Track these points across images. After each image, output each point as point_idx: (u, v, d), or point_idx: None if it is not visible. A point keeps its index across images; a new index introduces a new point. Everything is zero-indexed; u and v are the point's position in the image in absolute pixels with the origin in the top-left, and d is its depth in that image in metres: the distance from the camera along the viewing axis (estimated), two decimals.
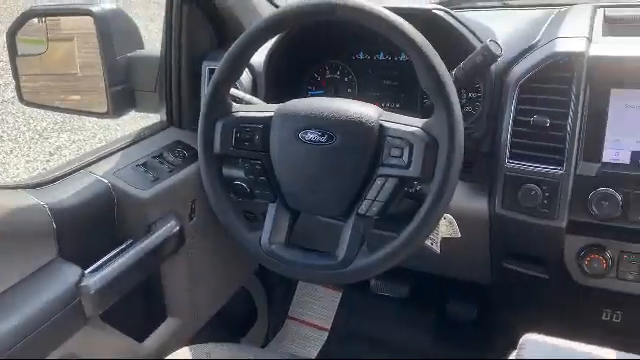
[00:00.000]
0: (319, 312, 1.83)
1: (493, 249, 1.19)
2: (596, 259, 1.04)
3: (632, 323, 1.13)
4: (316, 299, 1.85)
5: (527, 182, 1.03)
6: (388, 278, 1.76)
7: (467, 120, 1.20)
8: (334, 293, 1.84)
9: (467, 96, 1.22)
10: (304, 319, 1.82)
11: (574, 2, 1.35)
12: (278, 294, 1.82)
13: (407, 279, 1.74)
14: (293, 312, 1.84)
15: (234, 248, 1.01)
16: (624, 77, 0.97)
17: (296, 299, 1.86)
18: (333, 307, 1.82)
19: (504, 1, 1.57)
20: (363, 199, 0.92)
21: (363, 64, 1.34)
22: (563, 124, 1.00)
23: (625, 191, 0.97)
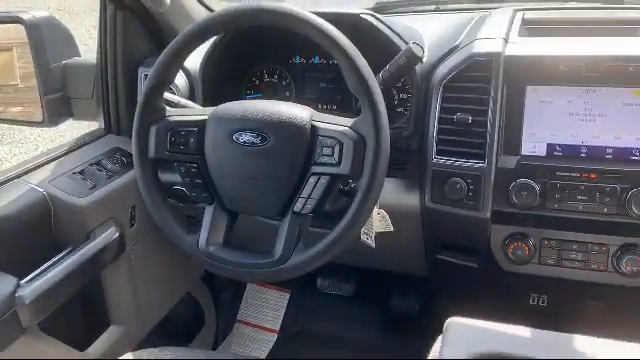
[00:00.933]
0: (268, 314, 1.84)
1: (427, 241, 1.24)
2: (519, 246, 1.10)
3: (557, 306, 1.20)
4: (264, 301, 1.86)
5: (453, 176, 1.09)
6: (334, 277, 1.80)
7: (400, 120, 1.26)
8: (282, 294, 1.86)
9: (399, 97, 1.27)
10: (253, 322, 1.83)
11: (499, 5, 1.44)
12: (226, 298, 1.83)
13: (352, 277, 1.79)
14: (242, 315, 1.85)
15: (178, 253, 1.02)
16: (538, 75, 1.04)
17: (244, 302, 1.87)
18: (281, 308, 1.84)
19: (436, 5, 1.65)
20: (298, 197, 0.95)
21: (299, 68, 1.38)
22: (484, 120, 1.06)
23: (542, 181, 1.04)
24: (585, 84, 1.02)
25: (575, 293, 1.16)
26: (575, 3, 1.48)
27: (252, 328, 1.82)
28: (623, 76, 0.99)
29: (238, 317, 1.84)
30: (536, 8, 1.38)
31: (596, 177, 1.01)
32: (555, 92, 1.04)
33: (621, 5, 1.38)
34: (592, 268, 1.08)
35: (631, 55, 1.00)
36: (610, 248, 1.06)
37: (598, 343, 0.75)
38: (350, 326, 1.75)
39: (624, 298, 1.12)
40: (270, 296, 1.86)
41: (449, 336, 0.79)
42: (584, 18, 1.26)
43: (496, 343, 0.76)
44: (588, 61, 1.01)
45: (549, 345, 0.76)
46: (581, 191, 1.02)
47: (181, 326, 1.68)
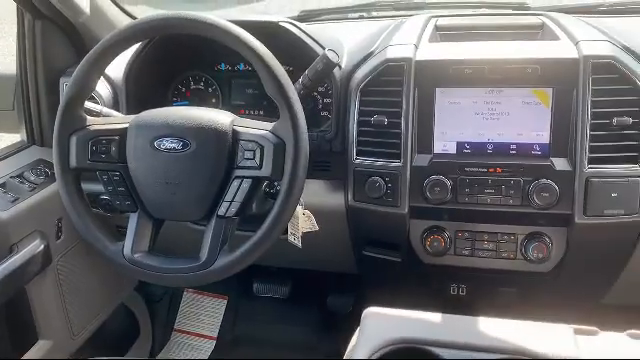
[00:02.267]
0: (205, 321, 1.85)
1: (353, 239, 1.29)
2: (436, 239, 1.17)
3: (475, 295, 1.27)
4: (202, 309, 1.87)
5: (372, 175, 1.14)
6: (269, 280, 1.82)
7: (325, 123, 1.30)
8: (219, 301, 1.86)
9: (323, 101, 1.32)
10: (191, 330, 1.83)
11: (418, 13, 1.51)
12: (161, 308, 1.82)
13: (287, 279, 1.82)
14: (179, 324, 1.84)
15: (109, 264, 1.02)
16: (445, 77, 1.11)
17: (181, 311, 1.86)
18: (219, 315, 1.84)
19: (360, 14, 1.71)
20: (222, 201, 0.98)
21: (225, 74, 1.40)
22: (398, 122, 1.12)
23: (453, 177, 1.11)
24: (489, 85, 1.10)
25: (490, 281, 1.23)
26: (486, 10, 1.58)
27: (190, 336, 1.82)
28: (522, 77, 1.08)
29: (175, 326, 1.83)
30: (450, 15, 1.47)
31: (501, 171, 1.09)
32: (462, 93, 1.11)
33: (527, 11, 1.48)
34: (503, 256, 1.16)
35: (528, 57, 1.08)
36: (518, 237, 1.15)
37: (498, 323, 0.82)
38: (288, 328, 1.78)
39: (534, 284, 1.20)
40: (207, 303, 1.87)
41: (366, 325, 0.84)
42: (492, 24, 1.35)
43: (409, 329, 0.81)
44: (490, 64, 1.09)
45: (456, 328, 0.82)
46: (488, 185, 1.10)
47: (116, 337, 1.66)
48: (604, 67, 1.04)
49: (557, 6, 1.53)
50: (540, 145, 1.09)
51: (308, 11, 1.69)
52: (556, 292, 1.22)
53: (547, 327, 0.81)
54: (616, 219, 1.06)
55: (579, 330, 0.80)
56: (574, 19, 1.30)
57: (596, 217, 1.06)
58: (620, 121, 1.03)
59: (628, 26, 1.27)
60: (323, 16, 1.68)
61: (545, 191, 1.06)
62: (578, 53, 1.06)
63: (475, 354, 0.76)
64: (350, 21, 1.66)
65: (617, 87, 1.04)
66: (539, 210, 1.08)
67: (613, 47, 1.09)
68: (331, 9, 1.70)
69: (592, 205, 1.05)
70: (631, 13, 1.46)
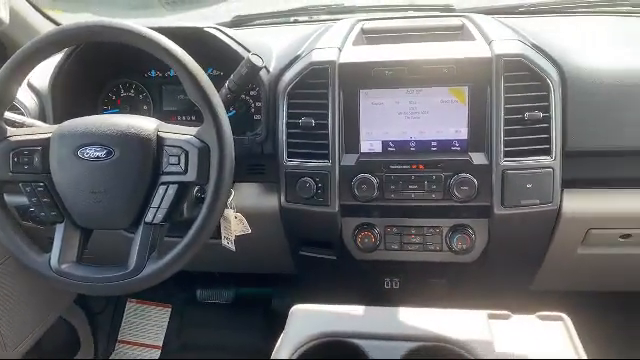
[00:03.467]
0: (150, 331, 1.83)
1: (289, 240, 1.31)
2: (367, 235, 1.20)
3: (408, 287, 1.32)
4: (146, 318, 1.85)
5: (303, 176, 1.17)
6: (213, 286, 1.82)
7: (258, 127, 1.32)
8: (163, 310, 1.85)
9: (255, 105, 1.34)
10: (135, 340, 1.81)
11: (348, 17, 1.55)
12: (104, 320, 1.79)
13: (230, 284, 1.82)
14: (123, 335, 1.82)
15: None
16: (368, 79, 1.15)
17: (125, 322, 1.84)
18: (163, 324, 1.83)
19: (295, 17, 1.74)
20: (148, 208, 0.98)
21: (156, 81, 1.40)
22: (325, 123, 1.15)
23: (379, 175, 1.15)
24: (409, 85, 1.14)
25: (421, 273, 1.28)
26: (413, 12, 1.63)
27: (134, 347, 1.79)
28: (439, 77, 1.12)
29: (119, 337, 1.81)
30: (377, 18, 1.51)
31: (424, 167, 1.14)
32: (384, 94, 1.15)
33: (451, 13, 1.54)
34: (430, 249, 1.20)
35: (444, 58, 1.13)
36: (443, 230, 1.19)
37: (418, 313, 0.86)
38: (233, 332, 1.78)
39: (462, 274, 1.26)
40: (151, 313, 1.85)
41: (292, 322, 0.86)
42: (416, 26, 1.40)
43: (333, 324, 0.84)
44: (409, 65, 1.13)
45: (378, 320, 0.85)
46: (412, 181, 1.14)
47: (55, 351, 1.62)
48: (515, 65, 1.10)
49: (479, 7, 1.60)
50: (459, 141, 1.14)
51: (241, 16, 1.70)
52: (484, 281, 1.28)
53: (464, 314, 0.85)
54: (532, 208, 1.12)
55: (493, 315, 0.85)
56: (492, 20, 1.36)
57: (513, 207, 1.12)
58: (531, 115, 1.09)
59: (540, 26, 1.34)
60: (256, 21, 1.70)
61: (464, 185, 1.11)
62: (491, 52, 1.12)
63: (395, 343, 0.79)
64: (284, 25, 1.69)
65: (527, 83, 1.11)
66: (460, 203, 1.13)
67: (523, 46, 1.15)
68: (264, 14, 1.72)
69: (509, 196, 1.11)
70: (545, 13, 1.54)
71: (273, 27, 1.68)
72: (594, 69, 1.14)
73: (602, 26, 1.45)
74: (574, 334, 0.80)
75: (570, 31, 1.37)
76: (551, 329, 0.81)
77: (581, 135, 1.12)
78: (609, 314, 1.54)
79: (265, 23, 1.70)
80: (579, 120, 1.12)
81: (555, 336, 0.80)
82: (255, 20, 1.70)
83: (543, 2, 1.57)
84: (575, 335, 0.79)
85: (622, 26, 1.44)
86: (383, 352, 0.77)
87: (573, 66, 1.13)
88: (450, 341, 0.78)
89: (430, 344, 0.78)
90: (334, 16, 1.63)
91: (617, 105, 1.12)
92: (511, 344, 0.78)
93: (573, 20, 1.52)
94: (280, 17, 1.71)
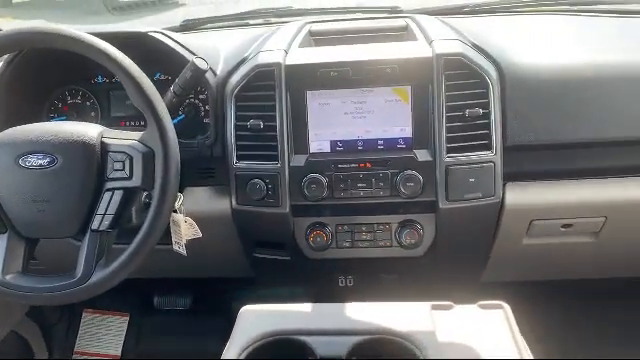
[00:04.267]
0: (108, 340, 1.80)
1: (243, 242, 1.31)
2: (319, 234, 1.22)
3: (361, 284, 1.34)
4: (103, 328, 1.82)
5: (253, 178, 1.17)
6: (170, 293, 1.81)
7: (208, 130, 1.32)
8: (121, 319, 1.82)
9: (204, 108, 1.34)
10: (92, 351, 1.78)
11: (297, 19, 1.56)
12: (59, 331, 1.75)
13: (188, 290, 1.81)
14: (80, 346, 1.78)
15: None
16: (314, 80, 1.16)
17: (81, 332, 1.80)
18: (121, 333, 1.80)
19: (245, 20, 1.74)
20: (94, 215, 0.97)
21: (103, 87, 1.38)
22: (273, 125, 1.16)
23: (328, 174, 1.17)
24: (354, 86, 1.16)
25: (373, 270, 1.30)
26: (361, 14, 1.66)
27: (91, 357, 1.76)
28: (383, 77, 1.15)
29: (75, 349, 1.77)
30: (325, 20, 1.53)
31: (371, 166, 1.16)
32: (331, 95, 1.17)
33: (398, 14, 1.58)
34: (380, 245, 1.23)
35: (387, 58, 1.15)
36: (392, 226, 1.22)
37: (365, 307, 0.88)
38: (193, 338, 1.77)
39: (412, 268, 1.29)
40: (108, 322, 1.82)
41: (240, 323, 0.87)
42: (363, 27, 1.43)
43: (280, 322, 0.85)
44: (353, 66, 1.15)
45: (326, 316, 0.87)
46: (360, 179, 1.16)
47: None
48: (455, 64, 1.14)
49: (426, 8, 1.64)
50: (404, 139, 1.17)
51: (191, 20, 1.70)
52: (435, 274, 1.31)
53: (408, 306, 0.88)
54: (476, 202, 1.16)
55: (436, 306, 0.87)
56: (435, 20, 1.40)
57: (458, 202, 1.15)
58: (472, 112, 1.13)
59: (481, 25, 1.39)
60: (207, 25, 1.69)
61: (410, 181, 1.14)
62: (431, 52, 1.15)
63: (341, 338, 0.81)
64: (235, 29, 1.69)
65: (467, 81, 1.14)
66: (407, 199, 1.16)
67: (463, 45, 1.19)
68: (214, 17, 1.72)
69: (453, 191, 1.14)
70: (489, 13, 1.59)
71: (224, 30, 1.68)
72: (531, 66, 1.19)
73: (542, 24, 1.51)
74: (513, 322, 0.83)
75: (510, 30, 1.42)
76: (491, 317, 0.84)
77: (520, 130, 1.16)
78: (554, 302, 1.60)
79: (215, 27, 1.70)
80: (518, 115, 1.16)
81: (495, 324, 0.83)
82: (205, 24, 1.70)
83: (487, 2, 1.62)
84: (514, 322, 0.83)
85: (561, 24, 1.50)
86: (329, 347, 0.79)
87: (510, 63, 1.18)
88: (394, 333, 0.80)
89: (375, 337, 0.80)
90: (284, 19, 1.64)
91: (554, 100, 1.17)
92: (453, 333, 0.81)
93: (515, 19, 1.58)
94: (230, 20, 1.72)
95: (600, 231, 1.24)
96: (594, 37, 1.37)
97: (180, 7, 3.89)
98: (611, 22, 1.46)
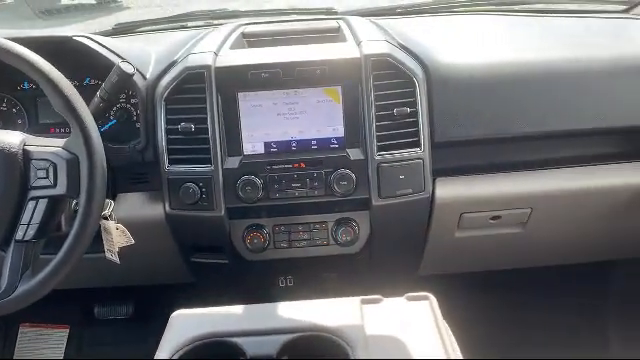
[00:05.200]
0: (47, 354, 1.74)
1: (179, 248, 1.30)
2: (256, 236, 1.22)
3: (302, 284, 1.35)
4: (42, 342, 1.76)
5: (186, 182, 1.16)
6: (110, 302, 1.77)
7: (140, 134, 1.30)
8: (60, 331, 1.77)
9: (136, 112, 1.31)
10: None
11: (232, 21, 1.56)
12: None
13: (129, 298, 1.78)
14: None
15: None
16: (245, 82, 1.17)
17: (19, 347, 1.74)
18: (61, 345, 1.75)
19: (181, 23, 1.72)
20: (18, 225, 0.94)
21: (30, 93, 1.34)
22: (205, 127, 1.16)
23: (263, 175, 1.17)
24: (285, 87, 1.17)
25: (313, 269, 1.31)
26: (296, 16, 1.67)
27: None
28: (313, 78, 1.16)
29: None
30: (259, 22, 1.53)
31: (305, 166, 1.17)
32: (262, 96, 1.17)
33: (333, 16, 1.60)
34: (317, 244, 1.24)
35: (316, 59, 1.17)
36: (329, 224, 1.24)
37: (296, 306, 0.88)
38: (135, 347, 1.73)
39: (351, 265, 1.31)
40: (47, 335, 1.76)
41: (170, 327, 0.86)
42: (296, 29, 1.44)
43: (212, 325, 0.85)
44: (283, 67, 1.16)
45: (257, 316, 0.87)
46: (295, 179, 1.17)
47: None
48: (382, 64, 1.16)
49: (360, 10, 1.67)
50: (337, 138, 1.19)
51: (123, 24, 1.67)
52: (373, 270, 1.33)
53: (339, 302, 0.89)
54: (407, 198, 1.19)
55: (365, 300, 0.89)
56: (366, 22, 1.42)
57: (390, 198, 1.18)
58: (400, 111, 1.16)
59: (411, 26, 1.43)
60: (141, 28, 1.67)
61: (343, 180, 1.16)
62: (360, 52, 1.17)
63: (271, 337, 0.81)
64: (169, 32, 1.67)
65: (395, 81, 1.17)
66: (342, 197, 1.18)
67: (390, 46, 1.21)
68: (147, 21, 1.70)
69: (385, 188, 1.17)
70: (421, 13, 1.63)
71: (159, 33, 1.66)
72: (456, 65, 1.23)
73: (470, 24, 1.56)
74: (437, 312, 0.85)
75: (438, 30, 1.47)
76: (418, 309, 0.87)
77: (447, 127, 1.20)
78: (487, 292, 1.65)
79: (149, 30, 1.67)
80: (444, 113, 1.20)
81: (420, 315, 0.85)
82: (139, 27, 1.67)
83: (419, 3, 1.66)
84: (438, 312, 0.85)
85: (488, 24, 1.56)
86: (260, 347, 0.79)
87: (436, 63, 1.21)
88: (323, 329, 0.81)
89: (305, 334, 0.81)
90: (218, 21, 1.63)
91: (478, 98, 1.22)
92: (380, 326, 0.83)
93: (445, 19, 1.63)
94: (164, 23, 1.69)
95: (527, 222, 1.30)
96: (518, 36, 1.43)
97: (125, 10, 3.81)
98: (535, 21, 1.52)
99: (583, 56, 1.24)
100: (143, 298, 1.78)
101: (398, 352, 0.78)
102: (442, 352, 0.77)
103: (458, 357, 0.78)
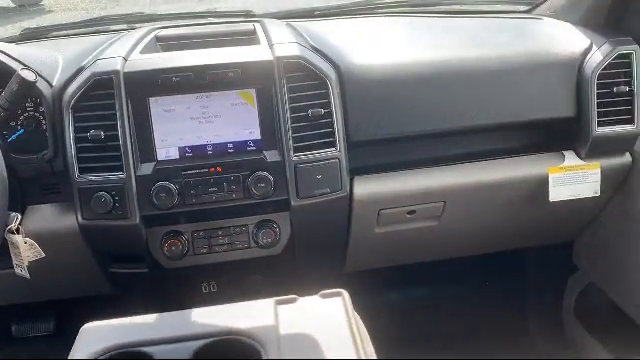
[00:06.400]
0: None
1: (96, 259, 1.26)
2: (174, 243, 1.20)
3: (227, 288, 1.35)
4: None
5: (98, 191, 1.13)
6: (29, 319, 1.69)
7: None
8: None
9: (45, 121, 1.26)
10: None
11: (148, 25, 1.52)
12: None
13: (49, 314, 1.71)
14: None
15: None
16: (156, 87, 1.15)
17: None
18: None
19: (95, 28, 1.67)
20: None
21: None
22: (115, 134, 1.13)
23: (178, 181, 1.16)
24: (197, 91, 1.16)
25: (236, 273, 1.31)
26: (213, 19, 1.66)
27: None
28: (226, 81, 1.16)
29: None
30: (174, 26, 1.51)
31: (222, 170, 1.17)
32: (175, 100, 1.16)
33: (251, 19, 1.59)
34: (238, 247, 1.24)
35: (229, 62, 1.17)
36: (249, 227, 1.24)
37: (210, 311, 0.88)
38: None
39: (274, 267, 1.31)
40: None
41: (79, 341, 0.83)
42: (211, 32, 1.43)
43: (122, 336, 0.83)
44: (195, 70, 1.15)
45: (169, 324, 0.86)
46: (211, 184, 1.16)
47: None
48: (294, 66, 1.18)
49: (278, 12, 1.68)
50: (254, 141, 1.19)
51: (32, 29, 1.60)
52: (297, 270, 1.34)
53: (253, 305, 0.89)
54: (325, 197, 1.20)
55: (280, 301, 0.90)
56: (282, 24, 1.43)
57: (308, 198, 1.19)
58: (314, 112, 1.18)
59: (325, 28, 1.44)
60: (52, 33, 1.61)
61: (261, 182, 1.16)
62: (272, 55, 1.18)
63: (183, 344, 0.80)
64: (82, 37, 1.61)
65: (308, 83, 1.19)
66: (261, 199, 1.18)
67: (302, 48, 1.23)
68: (58, 25, 1.64)
69: (303, 188, 1.18)
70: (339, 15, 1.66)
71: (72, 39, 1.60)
72: (368, 66, 1.26)
73: (385, 26, 1.60)
74: (350, 307, 0.87)
75: (353, 32, 1.49)
76: (331, 305, 0.88)
77: (362, 126, 1.23)
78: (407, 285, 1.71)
79: (61, 35, 1.61)
80: (358, 113, 1.23)
81: (333, 311, 0.87)
82: (50, 32, 1.61)
83: (338, 5, 1.69)
84: (350, 308, 0.87)
85: (401, 25, 1.60)
86: (172, 355, 0.78)
87: (348, 64, 1.24)
88: (236, 332, 0.81)
89: (217, 339, 0.81)
90: (134, 25, 1.60)
91: (391, 97, 1.25)
92: (294, 325, 0.84)
93: (362, 22, 1.66)
94: (76, 28, 1.64)
95: (441, 215, 1.35)
96: (427, 37, 1.48)
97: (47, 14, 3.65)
98: (444, 22, 1.58)
99: (486, 55, 1.30)
100: (65, 313, 1.72)
101: (309, 349, 0.79)
102: (352, 347, 0.79)
103: (368, 350, 0.80)
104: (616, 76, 1.28)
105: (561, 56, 1.30)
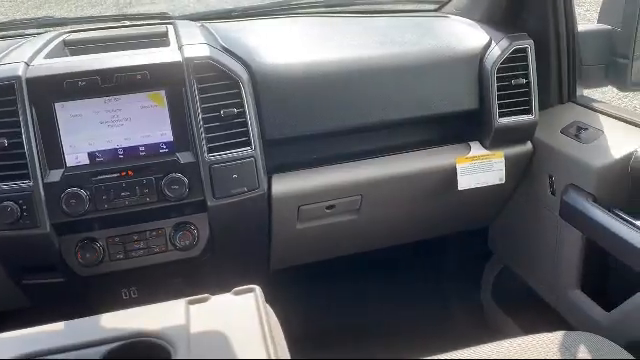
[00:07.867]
0: None
1: (7, 271, 1.22)
2: (88, 250, 1.18)
3: (148, 293, 1.32)
4: None
5: (3, 200, 1.09)
6: None
7: None
8: None
9: None
10: None
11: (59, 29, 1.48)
12: None
13: None
14: None
15: None
16: (62, 92, 1.12)
17: None
18: None
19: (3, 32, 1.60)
20: None
21: None
22: (20, 142, 1.09)
23: (89, 187, 1.14)
24: (105, 94, 1.14)
25: (155, 277, 1.29)
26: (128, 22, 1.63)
27: None
28: (134, 83, 1.15)
29: None
30: (84, 29, 1.47)
31: (133, 173, 1.16)
32: (82, 105, 1.14)
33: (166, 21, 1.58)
34: (155, 251, 1.23)
35: (136, 65, 1.15)
36: (166, 230, 1.23)
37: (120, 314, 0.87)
38: None
39: (195, 269, 1.31)
40: None
41: None
42: (123, 34, 1.40)
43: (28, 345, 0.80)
44: (101, 74, 1.13)
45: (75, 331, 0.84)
46: (123, 188, 1.15)
47: None
48: (204, 67, 1.18)
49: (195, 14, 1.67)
50: (166, 143, 1.18)
51: None
52: (219, 271, 1.34)
53: (164, 306, 0.89)
54: (242, 196, 1.22)
55: (192, 300, 0.90)
56: (193, 26, 1.42)
57: (225, 198, 1.20)
58: (227, 112, 1.18)
59: (237, 29, 1.46)
60: None
61: (175, 184, 1.16)
62: (181, 56, 1.18)
63: (92, 349, 0.79)
64: None
65: (219, 83, 1.19)
66: (176, 202, 1.18)
67: (212, 49, 1.23)
68: None
69: (219, 188, 1.19)
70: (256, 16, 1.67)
71: None
72: (279, 65, 1.28)
73: (299, 26, 1.63)
74: (261, 303, 0.89)
75: (266, 32, 1.51)
76: (243, 302, 0.90)
77: (276, 125, 1.25)
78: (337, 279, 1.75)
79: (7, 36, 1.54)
80: (272, 112, 1.25)
81: (245, 308, 0.88)
82: None
83: (255, 6, 1.70)
84: (262, 303, 0.88)
85: (315, 25, 1.63)
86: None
87: (259, 64, 1.26)
88: (146, 334, 0.81)
89: (127, 341, 0.80)
90: (44, 29, 1.55)
91: (303, 96, 1.28)
92: (205, 323, 0.84)
93: (277, 22, 1.68)
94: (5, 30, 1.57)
95: (359, 208, 1.39)
96: (339, 36, 1.51)
97: None
98: (356, 22, 1.63)
99: (394, 52, 1.35)
100: None
101: (219, 346, 0.80)
102: (261, 341, 0.80)
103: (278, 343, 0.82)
104: (514, 69, 1.37)
105: (463, 52, 1.37)
